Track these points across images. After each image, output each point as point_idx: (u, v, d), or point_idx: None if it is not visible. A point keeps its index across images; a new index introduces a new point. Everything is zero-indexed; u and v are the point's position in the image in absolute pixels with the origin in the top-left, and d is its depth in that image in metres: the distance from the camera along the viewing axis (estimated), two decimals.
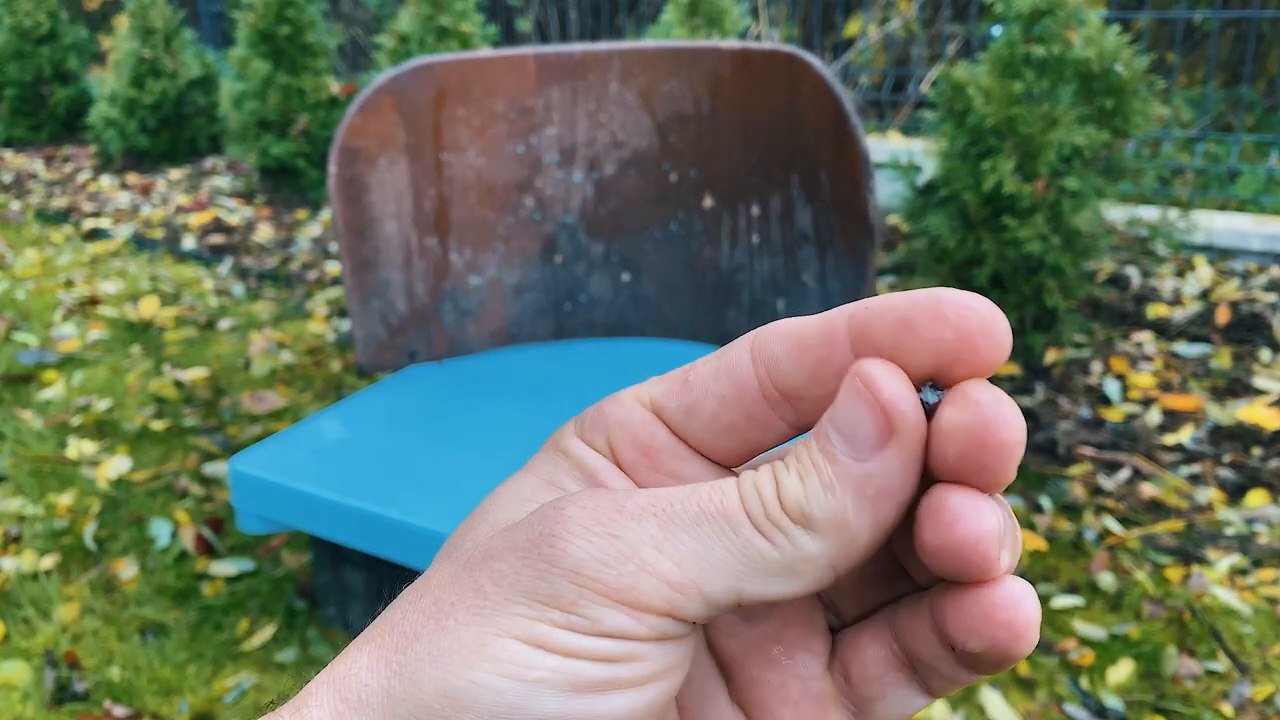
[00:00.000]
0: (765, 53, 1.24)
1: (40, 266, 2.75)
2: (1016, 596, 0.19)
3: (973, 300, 0.19)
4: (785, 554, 0.19)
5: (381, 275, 1.25)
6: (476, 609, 0.19)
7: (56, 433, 1.82)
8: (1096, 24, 1.82)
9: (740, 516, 0.19)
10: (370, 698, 0.19)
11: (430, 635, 0.19)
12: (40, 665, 1.26)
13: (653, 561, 0.19)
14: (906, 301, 0.19)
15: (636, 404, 0.22)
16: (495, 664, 0.18)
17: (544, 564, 0.19)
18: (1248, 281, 2.29)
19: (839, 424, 0.19)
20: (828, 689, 0.23)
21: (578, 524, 0.19)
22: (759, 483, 0.19)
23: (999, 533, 0.19)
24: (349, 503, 1.00)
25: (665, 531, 0.19)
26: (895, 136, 3.18)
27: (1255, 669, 1.20)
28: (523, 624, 0.19)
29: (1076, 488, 1.57)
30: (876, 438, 0.19)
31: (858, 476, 0.19)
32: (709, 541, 0.19)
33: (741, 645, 0.23)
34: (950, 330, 0.19)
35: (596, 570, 0.19)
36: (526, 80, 1.26)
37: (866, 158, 1.15)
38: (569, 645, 0.19)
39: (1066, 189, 1.79)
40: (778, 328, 0.21)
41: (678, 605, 0.19)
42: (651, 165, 1.32)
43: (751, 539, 0.19)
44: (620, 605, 0.19)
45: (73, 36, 4.39)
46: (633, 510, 0.19)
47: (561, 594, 0.19)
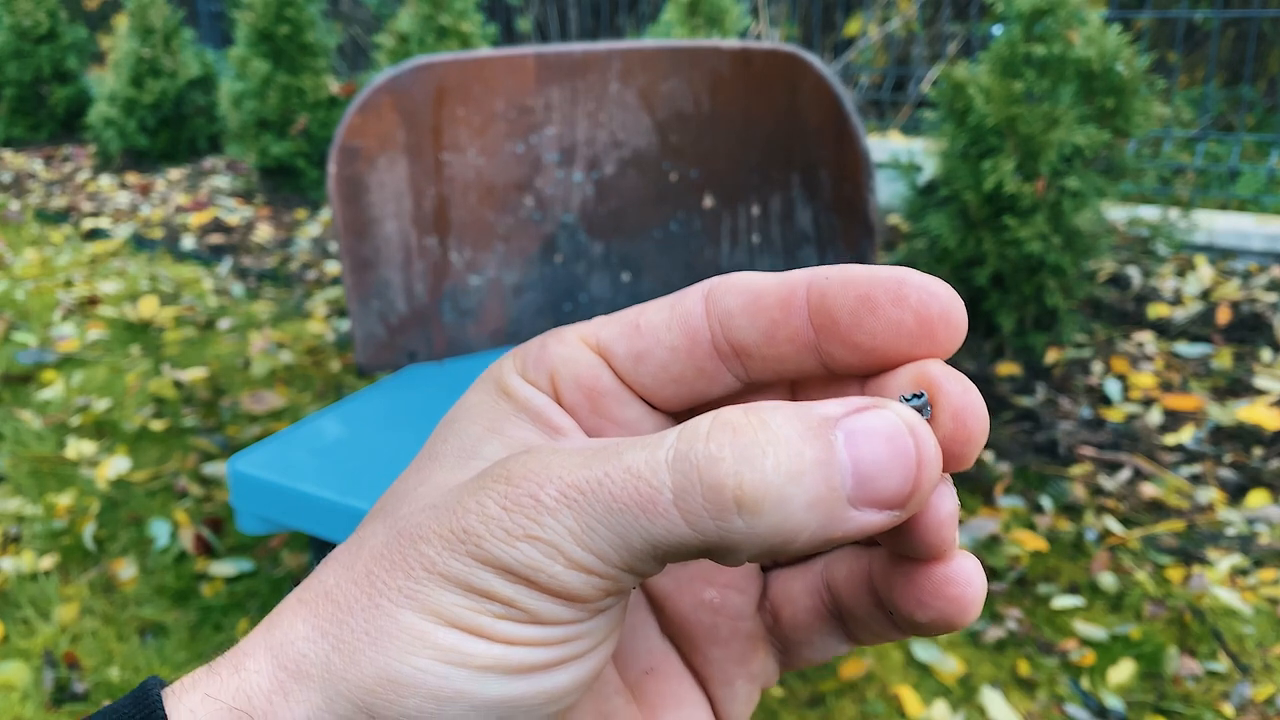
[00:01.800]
0: (765, 52, 1.24)
1: (39, 266, 2.74)
2: (968, 573, 0.19)
3: (934, 285, 0.19)
4: (709, 539, 0.18)
5: (381, 275, 1.25)
6: (410, 591, 0.19)
7: (56, 433, 1.82)
8: (1097, 23, 1.82)
9: (664, 500, 0.18)
10: (309, 669, 0.19)
11: (364, 611, 0.19)
12: (39, 665, 1.26)
13: (578, 558, 0.18)
14: (868, 279, 0.19)
15: (582, 345, 0.21)
16: (438, 650, 0.18)
17: (474, 562, 0.19)
18: (1249, 281, 2.29)
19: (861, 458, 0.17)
20: (758, 629, 0.23)
21: (499, 525, 0.18)
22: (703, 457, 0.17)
23: (955, 514, 0.19)
24: (349, 503, 1.00)
25: (583, 523, 0.18)
26: (896, 136, 3.18)
27: (1256, 669, 1.20)
28: (464, 614, 0.18)
29: (1077, 488, 1.57)
30: (890, 501, 0.18)
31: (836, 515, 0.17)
32: (625, 530, 0.18)
33: (674, 583, 0.24)
34: (910, 314, 0.19)
35: (525, 571, 0.18)
36: (526, 80, 1.26)
37: (867, 157, 1.15)
38: (511, 635, 0.19)
39: (1067, 189, 1.79)
40: (734, 281, 0.21)
41: (607, 587, 0.19)
42: (651, 165, 1.32)
43: (675, 523, 0.18)
44: (554, 598, 0.19)
45: (72, 36, 4.39)
46: (549, 502, 0.18)
47: (497, 591, 0.19)
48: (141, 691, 0.19)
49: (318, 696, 0.19)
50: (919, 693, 1.18)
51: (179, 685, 0.19)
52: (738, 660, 0.23)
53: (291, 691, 0.19)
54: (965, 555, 0.20)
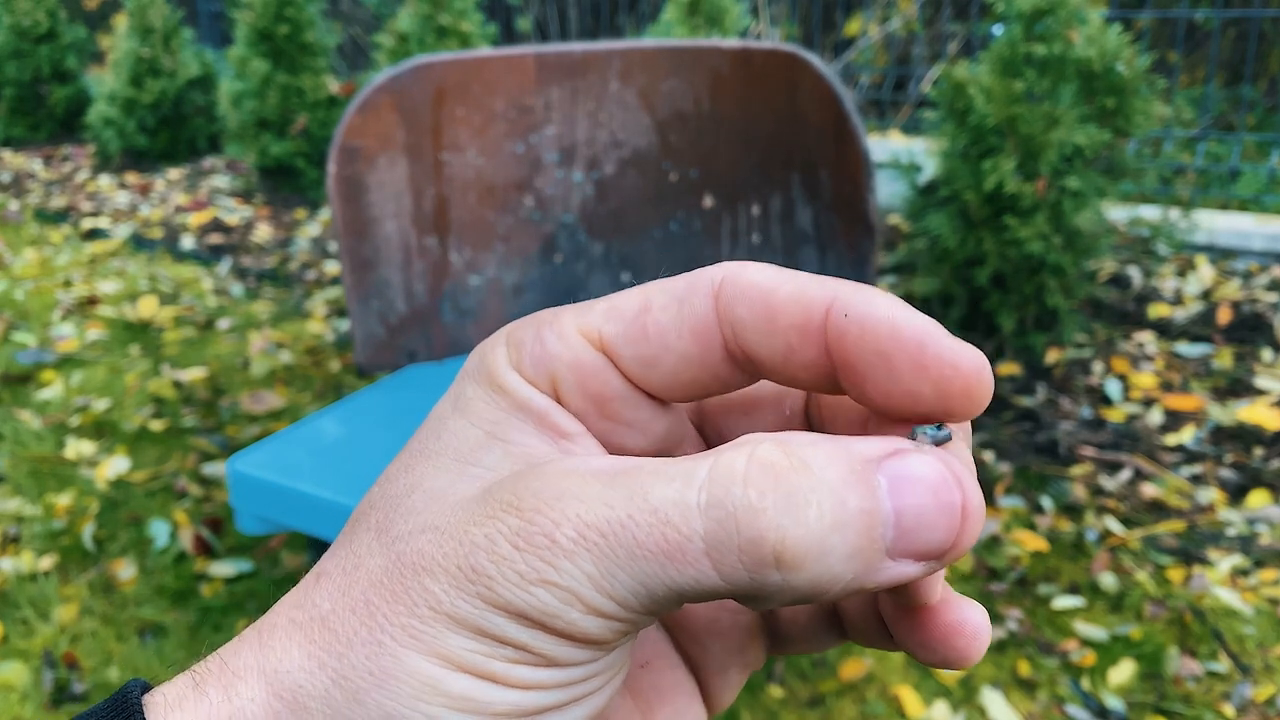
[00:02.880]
0: (766, 52, 1.24)
1: (39, 266, 2.74)
2: (976, 625, 0.19)
3: (960, 357, 0.17)
4: (740, 589, 0.17)
5: (381, 275, 1.25)
6: (415, 632, 0.18)
7: (55, 433, 1.82)
8: (1098, 23, 1.82)
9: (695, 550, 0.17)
10: (309, 702, 0.18)
11: (365, 647, 0.18)
12: (39, 666, 1.26)
13: (596, 604, 0.18)
14: (890, 334, 0.18)
15: (585, 344, 0.20)
16: (449, 699, 0.18)
17: (485, 605, 0.18)
18: (1249, 281, 2.29)
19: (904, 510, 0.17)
20: (756, 620, 0.23)
21: (511, 567, 0.18)
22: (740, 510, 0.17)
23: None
24: (348, 503, 1.00)
25: (603, 568, 0.17)
26: (896, 136, 3.18)
27: (1257, 670, 1.20)
28: (475, 660, 0.18)
29: (1078, 488, 1.57)
30: (929, 553, 0.17)
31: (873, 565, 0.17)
32: (649, 579, 0.17)
33: None
34: (929, 387, 0.18)
35: (540, 616, 0.18)
36: (526, 79, 1.26)
37: (867, 157, 1.15)
38: (525, 679, 0.18)
39: (1068, 188, 1.79)
40: (744, 286, 0.19)
41: (628, 629, 0.18)
42: (651, 165, 1.32)
43: (704, 573, 0.17)
44: (572, 643, 0.18)
45: (71, 36, 4.39)
46: (566, 544, 0.17)
47: (510, 636, 0.18)
48: (122, 697, 0.19)
49: None
50: (919, 693, 1.18)
51: (162, 699, 0.19)
52: (735, 650, 0.23)
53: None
54: (974, 606, 0.20)
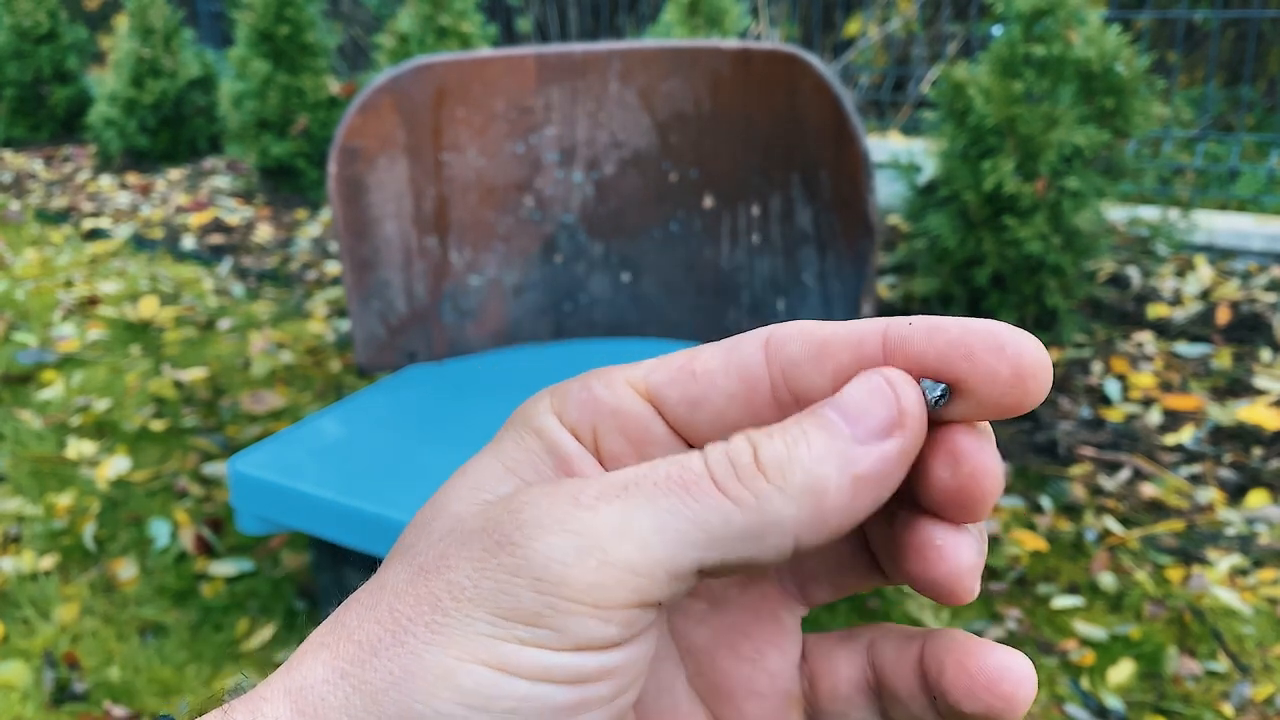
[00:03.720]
0: (765, 52, 1.24)
1: (40, 266, 2.74)
2: (1022, 674, 0.20)
3: (1028, 342, 0.19)
4: (749, 515, 0.18)
5: (381, 275, 1.25)
6: (436, 626, 0.18)
7: (56, 433, 1.82)
8: (1097, 24, 1.82)
9: (705, 482, 0.18)
10: (328, 713, 0.18)
11: (389, 652, 0.18)
12: (39, 666, 1.26)
13: (615, 550, 0.18)
14: (961, 328, 0.19)
15: (631, 392, 0.21)
16: (461, 694, 0.18)
17: (504, 574, 0.18)
18: (1248, 281, 2.29)
19: (846, 407, 0.19)
20: (794, 688, 0.23)
21: (536, 525, 0.18)
22: (731, 447, 0.19)
23: (977, 566, 0.20)
24: (349, 503, 1.00)
25: (624, 515, 0.18)
26: (896, 136, 3.18)
27: (1256, 669, 1.20)
28: (487, 644, 0.18)
29: (1077, 488, 1.57)
30: (883, 428, 0.19)
31: (850, 456, 0.19)
32: (668, 514, 0.18)
33: (710, 635, 0.23)
34: (1008, 367, 0.19)
35: (559, 573, 0.18)
36: (526, 80, 1.26)
37: (867, 157, 1.15)
38: (537, 666, 0.18)
39: (1067, 189, 1.79)
40: (795, 330, 0.21)
41: (644, 591, 0.18)
42: (651, 165, 1.32)
43: (716, 502, 0.18)
44: (588, 609, 0.18)
45: (72, 36, 4.39)
46: (588, 500, 0.18)
47: (525, 605, 0.18)
48: None
49: None
50: None
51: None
52: (771, 718, 0.22)
53: None
54: (1021, 656, 0.20)
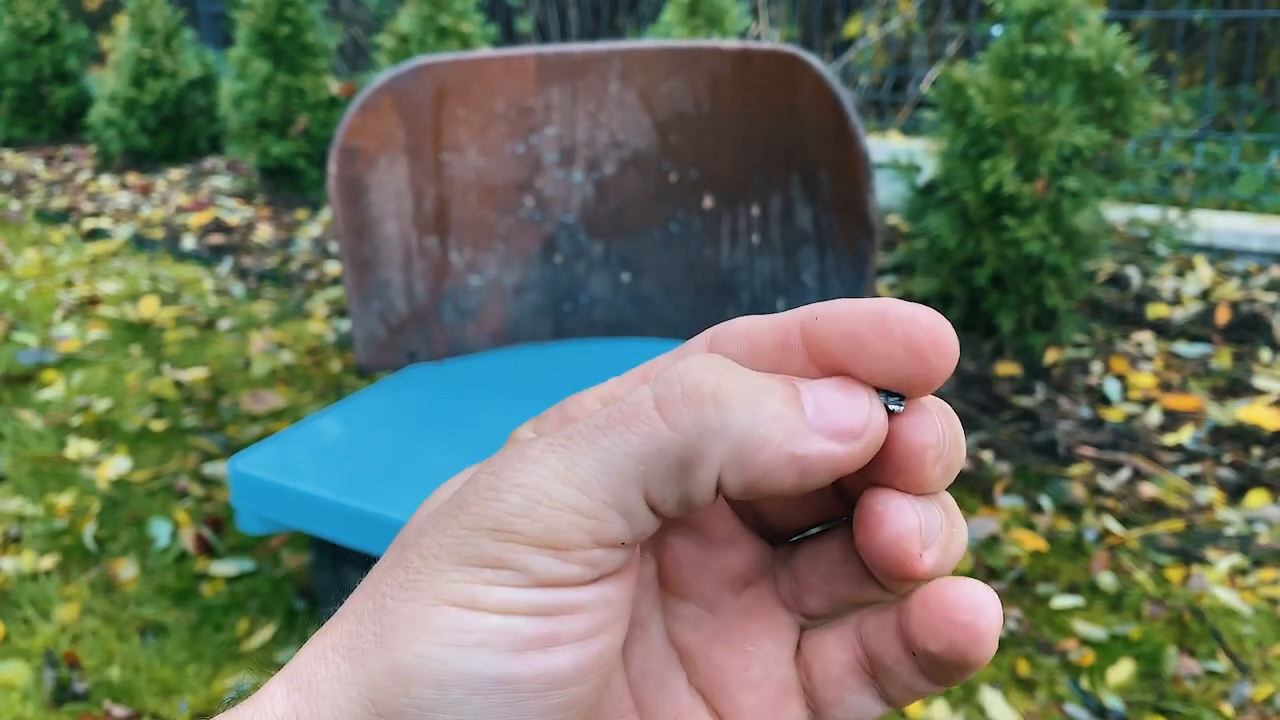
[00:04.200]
0: (765, 52, 1.24)
1: (40, 266, 2.74)
2: (980, 602, 0.20)
3: (918, 313, 0.19)
4: (682, 440, 0.19)
5: (381, 275, 1.25)
6: (409, 585, 0.19)
7: (56, 433, 1.82)
8: (1096, 24, 1.82)
9: (646, 408, 0.19)
10: (320, 685, 0.19)
11: (371, 618, 0.19)
12: (40, 665, 1.26)
13: (560, 496, 0.19)
14: (851, 314, 0.20)
15: (600, 405, 0.22)
16: (436, 633, 0.19)
17: (463, 530, 0.19)
18: (1248, 281, 2.29)
19: (819, 395, 0.20)
20: (791, 678, 0.23)
21: (490, 488, 0.19)
22: (692, 372, 0.19)
23: (919, 531, 0.20)
24: (349, 503, 1.00)
25: (567, 461, 0.19)
26: (895, 136, 3.18)
27: (1256, 669, 1.20)
28: (457, 588, 0.19)
29: (1077, 488, 1.57)
30: (840, 431, 0.19)
31: (798, 433, 0.19)
32: (607, 452, 0.19)
33: (705, 637, 0.23)
34: (899, 346, 0.19)
35: (512, 524, 0.19)
36: (526, 80, 1.26)
37: (866, 157, 1.15)
38: (504, 601, 0.19)
39: (1067, 189, 1.79)
40: (732, 327, 0.22)
41: (600, 532, 0.19)
42: (651, 165, 1.32)
43: (652, 428, 0.19)
44: (545, 550, 0.19)
45: (72, 36, 4.39)
46: (535, 455, 0.19)
47: (487, 551, 0.19)
48: None
49: (328, 710, 0.19)
50: None
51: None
52: (770, 709, 0.23)
53: (302, 711, 0.19)
54: (979, 585, 0.20)
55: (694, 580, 0.24)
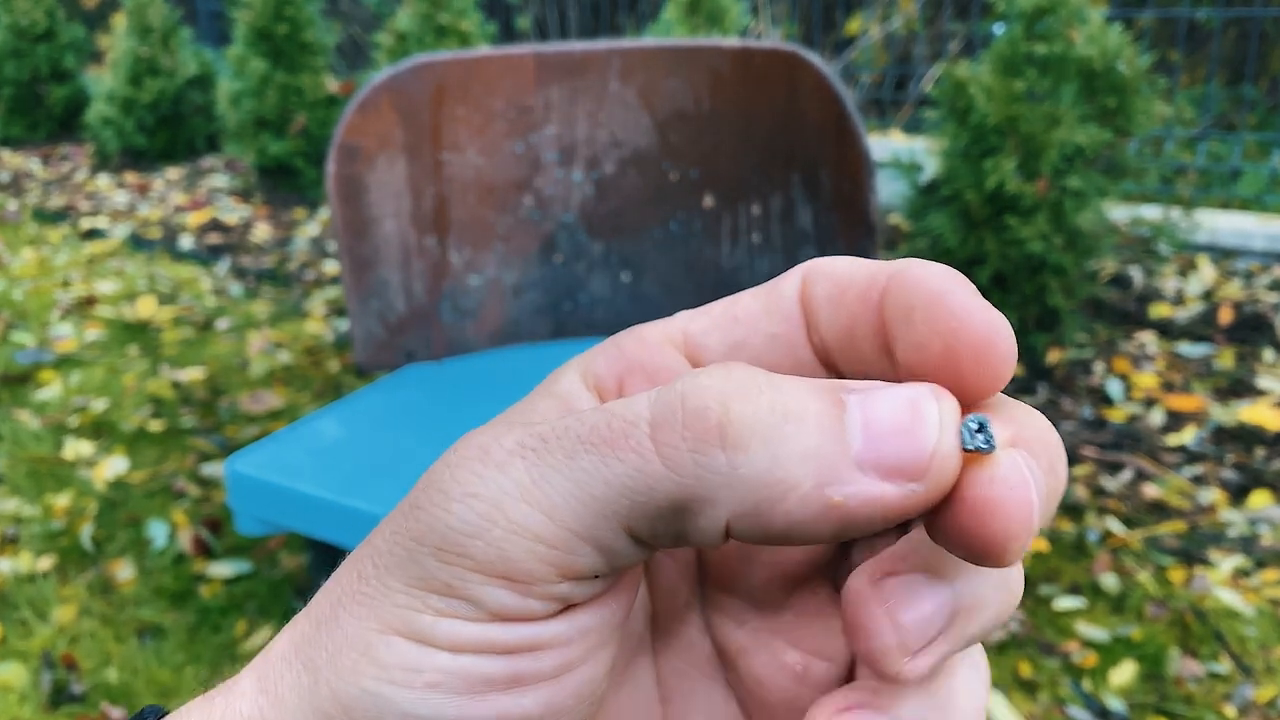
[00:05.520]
0: (766, 51, 1.23)
1: (37, 266, 2.74)
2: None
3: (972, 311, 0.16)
4: (680, 483, 0.15)
5: (380, 275, 1.24)
6: (361, 597, 0.17)
7: (53, 433, 1.82)
8: (1098, 22, 1.81)
9: (637, 433, 0.15)
10: (285, 693, 0.17)
11: (328, 626, 0.17)
12: (37, 667, 1.25)
13: (520, 517, 0.15)
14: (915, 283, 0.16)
15: (668, 345, 0.19)
16: (383, 670, 0.16)
17: (410, 541, 0.16)
18: (1251, 281, 2.29)
19: (872, 415, 0.15)
20: None
21: (438, 489, 0.16)
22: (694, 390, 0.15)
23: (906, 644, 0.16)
24: (347, 503, 1.00)
25: (535, 475, 0.16)
26: (897, 135, 3.17)
27: (1258, 671, 1.20)
28: (404, 615, 0.16)
29: (1079, 489, 1.56)
30: (898, 469, 0.15)
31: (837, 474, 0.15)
32: (585, 474, 0.15)
33: (750, 638, 0.20)
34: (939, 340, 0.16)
35: (461, 544, 0.16)
36: (526, 79, 1.25)
37: (868, 156, 1.15)
38: (455, 637, 0.16)
39: (1069, 188, 1.79)
40: (829, 265, 0.18)
41: (566, 565, 0.16)
42: (651, 164, 1.31)
43: (641, 462, 0.15)
44: (499, 581, 0.16)
45: (70, 35, 4.38)
46: (500, 456, 0.16)
47: (434, 575, 0.16)
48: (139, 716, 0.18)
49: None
50: None
51: (175, 714, 0.18)
52: None
53: (269, 717, 0.17)
54: None
55: (739, 572, 0.20)
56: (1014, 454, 0.15)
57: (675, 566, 0.20)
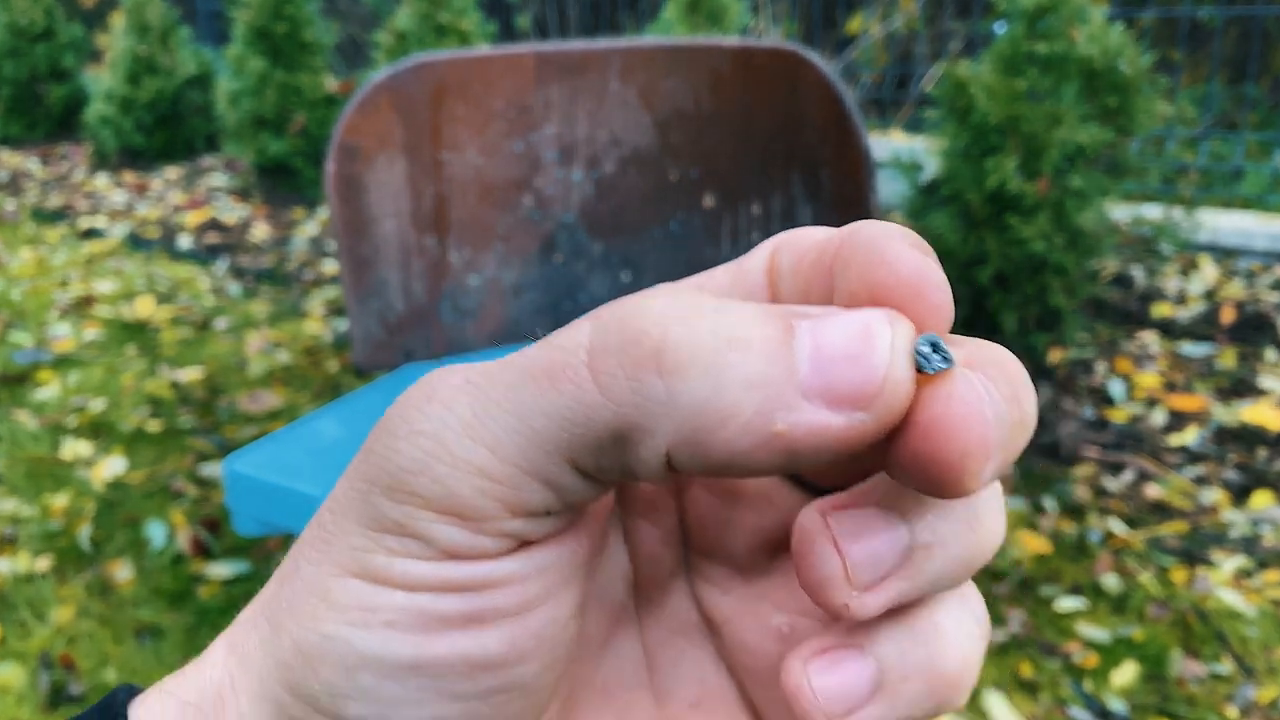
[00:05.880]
0: (766, 50, 1.23)
1: (35, 266, 2.73)
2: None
3: (902, 259, 0.15)
4: (618, 412, 0.15)
5: (379, 274, 1.24)
6: (319, 544, 0.17)
7: (52, 433, 1.81)
8: (1100, 21, 1.81)
9: (575, 363, 0.15)
10: (251, 652, 0.17)
11: (289, 579, 0.17)
12: (35, 668, 1.25)
13: (463, 453, 0.15)
14: (851, 235, 0.16)
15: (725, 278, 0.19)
16: (340, 612, 0.16)
17: (363, 483, 0.16)
18: (1253, 281, 2.29)
19: (822, 339, 0.15)
20: None
21: (387, 430, 0.16)
22: (631, 314, 0.15)
23: (842, 577, 0.16)
24: None
25: (478, 409, 0.15)
26: (897, 134, 3.17)
27: (1260, 671, 1.19)
28: (358, 557, 0.16)
29: (1080, 489, 1.56)
30: (845, 396, 0.14)
31: (783, 402, 0.14)
32: (525, 410, 0.15)
33: (735, 604, 0.20)
34: (865, 289, 0.15)
35: (408, 480, 0.15)
36: (526, 78, 1.25)
37: (868, 156, 1.14)
38: (409, 576, 0.16)
39: (1070, 188, 1.78)
40: (796, 235, 0.18)
41: (515, 501, 0.15)
42: (652, 164, 1.31)
43: (580, 392, 0.15)
44: (448, 518, 0.15)
45: (68, 34, 4.37)
46: (445, 392, 0.16)
47: (387, 515, 0.16)
48: (110, 698, 0.18)
49: (255, 682, 0.17)
50: None
51: (149, 690, 0.18)
52: None
53: (237, 679, 0.17)
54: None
55: (721, 538, 0.20)
56: (968, 372, 0.15)
57: (658, 533, 0.20)
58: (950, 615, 0.17)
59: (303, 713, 0.17)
